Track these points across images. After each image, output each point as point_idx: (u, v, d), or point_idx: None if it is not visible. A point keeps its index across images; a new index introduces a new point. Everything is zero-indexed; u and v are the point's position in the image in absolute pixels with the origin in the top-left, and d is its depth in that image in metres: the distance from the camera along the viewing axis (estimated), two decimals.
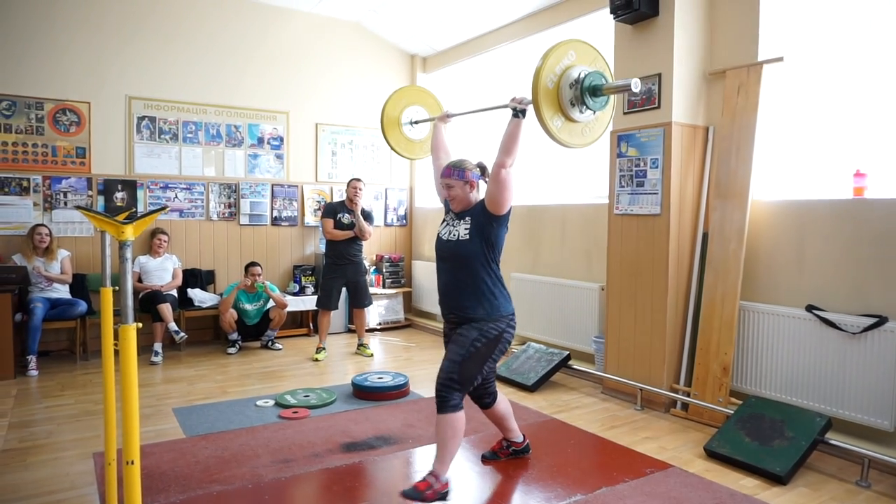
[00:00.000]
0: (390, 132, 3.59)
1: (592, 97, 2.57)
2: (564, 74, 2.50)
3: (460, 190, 2.83)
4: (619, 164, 4.29)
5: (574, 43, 2.59)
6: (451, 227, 2.84)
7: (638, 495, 2.79)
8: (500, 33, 6.07)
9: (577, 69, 2.55)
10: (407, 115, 3.59)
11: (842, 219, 3.41)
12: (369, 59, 7.07)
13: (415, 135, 3.63)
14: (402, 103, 3.61)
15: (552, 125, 2.56)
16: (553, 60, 2.49)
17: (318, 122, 6.77)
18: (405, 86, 3.72)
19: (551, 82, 2.43)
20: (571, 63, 2.51)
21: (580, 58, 2.56)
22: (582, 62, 2.55)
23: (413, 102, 3.64)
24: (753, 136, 3.75)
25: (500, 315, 2.76)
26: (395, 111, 3.60)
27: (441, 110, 3.59)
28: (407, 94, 3.66)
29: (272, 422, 3.74)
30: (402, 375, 4.47)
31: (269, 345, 5.83)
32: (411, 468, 3.12)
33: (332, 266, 5.53)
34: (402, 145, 3.65)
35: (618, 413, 3.98)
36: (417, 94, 3.74)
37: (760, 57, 3.81)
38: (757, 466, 3.03)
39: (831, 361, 3.36)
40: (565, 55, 2.47)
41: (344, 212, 5.54)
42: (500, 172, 2.68)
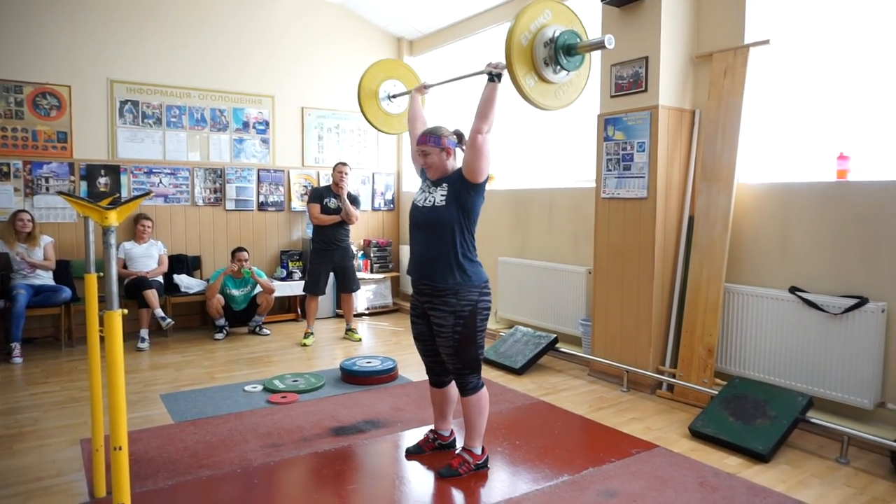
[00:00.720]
0: (367, 106, 3.47)
1: (567, 56, 2.53)
2: (539, 33, 2.44)
3: (437, 157, 2.76)
4: (606, 147, 4.29)
5: (551, 2, 2.54)
6: (427, 193, 2.79)
7: (624, 475, 2.83)
8: (486, 16, 6.02)
9: (553, 28, 2.51)
10: (384, 88, 3.50)
11: (825, 201, 3.45)
12: (355, 42, 6.99)
13: (393, 109, 3.53)
14: (380, 77, 3.51)
15: (525, 84, 2.51)
16: (528, 18, 2.43)
17: (303, 106, 6.71)
18: (383, 59, 3.61)
19: (525, 39, 2.38)
20: (547, 22, 2.45)
21: (556, 17, 2.50)
22: (558, 22, 2.49)
23: (391, 76, 3.54)
24: (739, 120, 3.77)
25: (472, 285, 2.70)
26: (372, 84, 3.49)
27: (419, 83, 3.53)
28: (384, 67, 3.54)
29: (261, 407, 3.75)
30: (391, 360, 4.49)
31: (256, 330, 5.81)
32: (400, 451, 3.14)
33: (319, 251, 5.52)
34: (379, 120, 3.55)
35: (605, 395, 4.03)
36: (395, 67, 3.62)
37: (747, 40, 3.81)
38: (740, 445, 3.08)
39: (813, 342, 3.41)
40: (541, 13, 2.42)
41: (330, 196, 5.53)
42: (477, 139, 2.63)
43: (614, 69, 4.22)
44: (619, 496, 2.63)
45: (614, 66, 4.22)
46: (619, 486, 2.72)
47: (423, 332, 2.90)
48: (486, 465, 2.89)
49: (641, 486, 2.72)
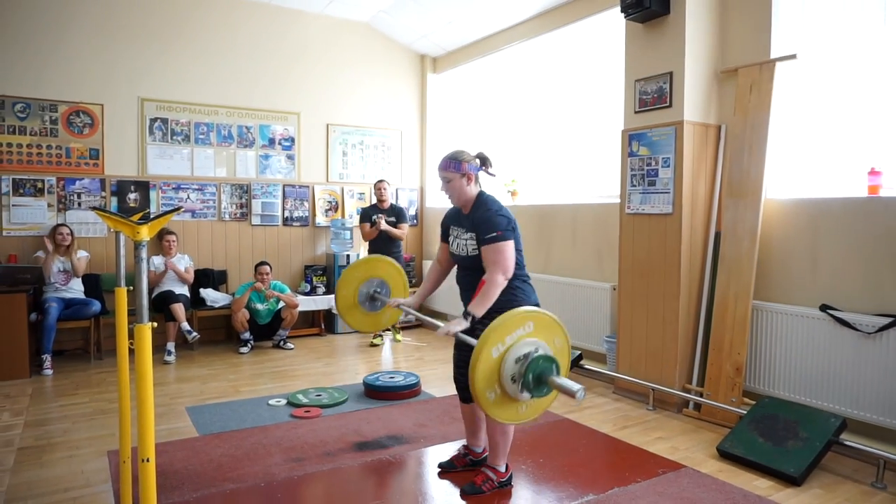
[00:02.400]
0: (350, 317, 3.22)
1: (536, 384, 2.15)
2: (515, 346, 2.12)
3: (458, 183, 2.75)
4: (630, 163, 4.27)
5: (535, 314, 2.21)
6: (460, 240, 2.81)
7: (650, 495, 2.77)
8: (510, 33, 6.06)
9: (531, 344, 2.16)
10: (363, 291, 3.21)
11: (856, 217, 3.38)
12: (380, 59, 7.08)
13: (375, 307, 3.25)
14: (353, 285, 3.20)
15: (486, 396, 2.16)
16: (505, 329, 2.12)
17: (329, 123, 6.80)
18: (353, 263, 3.29)
19: (497, 351, 2.07)
20: (526, 333, 2.14)
21: (537, 330, 2.17)
22: (538, 335, 2.16)
23: (366, 277, 3.24)
24: (766, 135, 3.72)
25: (522, 303, 2.70)
26: (348, 295, 3.20)
27: (398, 274, 3.30)
28: (356, 271, 3.23)
29: (284, 421, 3.76)
30: (414, 375, 4.48)
31: (280, 344, 5.85)
32: (423, 467, 3.13)
33: None
34: (366, 324, 3.29)
35: (629, 413, 3.97)
36: (368, 266, 3.28)
37: (773, 54, 3.78)
38: (770, 467, 3.00)
39: (846, 361, 3.33)
40: (522, 324, 2.11)
41: (377, 213, 5.91)
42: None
43: (638, 85, 4.21)
44: None
45: (638, 81, 4.21)
46: None
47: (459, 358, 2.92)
48: (509, 482, 2.86)
49: None
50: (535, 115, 5.94)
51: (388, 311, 3.26)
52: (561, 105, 5.61)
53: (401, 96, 7.28)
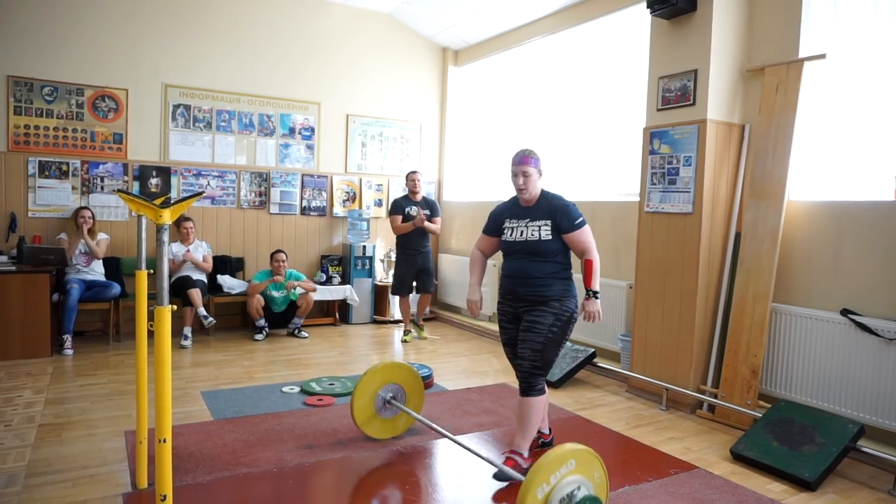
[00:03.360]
0: (369, 428, 3.21)
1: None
2: (558, 485, 2.10)
3: (535, 177, 2.98)
4: (651, 161, 4.23)
5: (576, 450, 2.18)
6: (529, 228, 2.97)
7: (662, 495, 2.76)
8: (533, 27, 6.02)
9: (574, 482, 2.14)
10: (380, 397, 3.22)
11: (882, 221, 3.32)
12: (401, 51, 7.08)
13: (390, 413, 3.27)
14: (370, 394, 3.20)
15: None
16: (550, 468, 2.10)
17: (348, 114, 6.81)
18: (368, 372, 3.22)
19: (542, 492, 2.06)
20: (569, 471, 2.12)
21: (580, 467, 2.16)
22: (581, 472, 2.15)
23: (382, 385, 3.24)
24: (791, 135, 3.67)
25: (573, 296, 2.98)
26: (365, 406, 3.19)
27: (414, 379, 3.35)
28: (372, 380, 3.21)
29: (297, 408, 3.80)
30: (427, 367, 4.49)
31: (295, 332, 5.90)
32: (433, 458, 3.14)
33: (404, 257, 5.85)
34: (385, 431, 3.26)
35: (642, 412, 3.95)
36: (385, 374, 3.26)
37: (801, 54, 3.72)
38: (785, 471, 2.97)
39: (866, 367, 3.28)
40: (564, 462, 2.10)
41: (410, 205, 5.80)
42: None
43: (661, 82, 4.16)
44: None
45: (661, 78, 4.16)
46: None
47: (513, 336, 3.04)
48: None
49: None
50: (556, 110, 5.90)
51: (404, 416, 3.30)
52: (582, 101, 5.57)
53: (421, 89, 7.28)
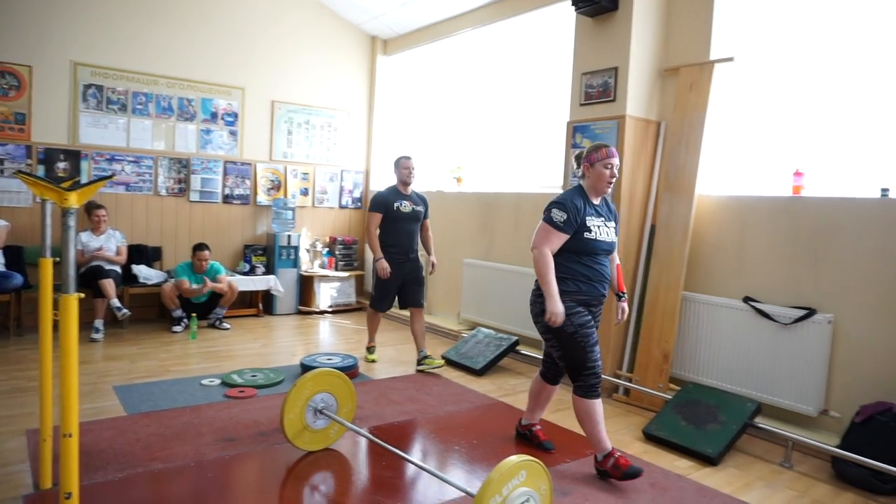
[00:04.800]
0: (300, 441, 2.99)
1: None
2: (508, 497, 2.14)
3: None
4: (573, 154, 4.36)
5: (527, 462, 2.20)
6: (606, 228, 2.90)
7: (578, 474, 2.88)
8: (463, 19, 6.06)
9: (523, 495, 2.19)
10: (310, 411, 3.01)
11: (780, 215, 3.58)
12: (329, 38, 6.96)
13: (322, 423, 3.07)
14: (300, 406, 2.98)
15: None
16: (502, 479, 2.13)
17: (274, 100, 6.64)
18: (298, 383, 2.98)
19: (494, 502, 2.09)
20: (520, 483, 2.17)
21: (529, 478, 2.20)
22: (530, 484, 2.20)
23: (313, 395, 3.03)
24: (702, 133, 3.88)
25: None
26: (296, 420, 2.98)
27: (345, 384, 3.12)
28: (302, 391, 2.99)
29: (217, 401, 3.69)
30: (352, 357, 4.47)
31: (216, 324, 5.72)
32: (357, 447, 3.14)
33: (389, 262, 4.48)
34: (316, 442, 3.06)
35: (562, 397, 4.08)
36: (315, 383, 3.06)
37: (712, 56, 3.93)
38: (691, 448, 3.17)
39: (764, 350, 3.53)
40: (516, 475, 2.14)
41: (400, 199, 4.51)
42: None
43: (584, 78, 4.30)
44: (573, 495, 2.68)
45: (584, 74, 4.30)
46: (573, 486, 2.77)
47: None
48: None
49: (594, 486, 2.77)
50: (483, 102, 5.98)
51: (336, 425, 3.12)
52: (509, 94, 5.67)
53: (349, 77, 7.18)
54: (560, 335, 2.82)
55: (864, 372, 3.23)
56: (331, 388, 3.10)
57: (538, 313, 2.87)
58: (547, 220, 2.82)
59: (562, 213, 2.78)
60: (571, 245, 2.82)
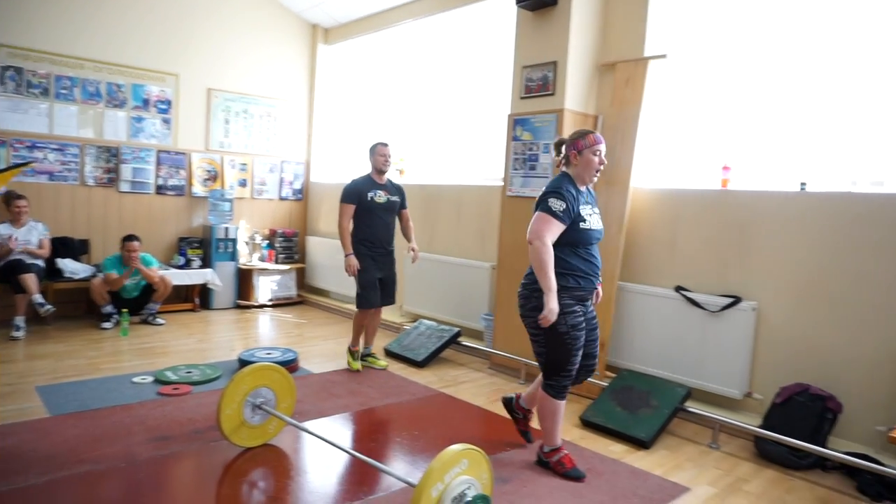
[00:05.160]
0: (237, 437, 2.90)
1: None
2: (450, 485, 2.13)
3: None
4: (513, 147, 4.41)
5: (469, 451, 2.20)
6: (597, 216, 2.82)
7: (517, 462, 2.93)
8: (405, 9, 6.01)
9: (464, 483, 2.16)
10: (248, 406, 2.92)
11: (709, 208, 3.72)
12: (269, 25, 6.78)
13: (260, 418, 2.98)
14: (237, 401, 2.89)
15: None
16: (444, 466, 2.11)
17: (210, 88, 6.42)
18: (235, 378, 2.88)
19: (436, 491, 2.08)
20: (462, 471, 2.16)
21: (471, 467, 2.20)
22: (472, 473, 2.19)
23: (251, 390, 2.93)
24: (637, 127, 3.99)
25: None
26: (233, 415, 2.88)
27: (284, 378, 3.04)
28: (240, 386, 2.89)
29: (150, 399, 3.56)
30: (292, 351, 4.40)
31: (149, 319, 5.51)
32: (297, 442, 3.09)
33: (368, 257, 4.26)
34: (254, 438, 2.97)
35: (503, 387, 4.14)
36: (253, 378, 2.96)
37: (646, 53, 4.04)
38: (625, 433, 3.28)
39: (694, 338, 3.68)
40: (457, 462, 2.14)
41: (374, 189, 4.25)
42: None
43: (525, 71, 4.34)
44: (512, 482, 2.73)
45: (525, 68, 4.34)
46: (512, 473, 2.82)
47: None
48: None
49: (533, 473, 2.83)
50: (426, 94, 5.96)
51: (275, 420, 3.03)
52: (451, 86, 5.67)
53: (289, 65, 7.02)
54: (551, 332, 2.70)
55: (784, 355, 3.42)
56: (270, 383, 3.04)
57: (532, 308, 2.73)
58: (545, 210, 2.65)
59: (560, 202, 2.64)
60: (568, 237, 2.68)
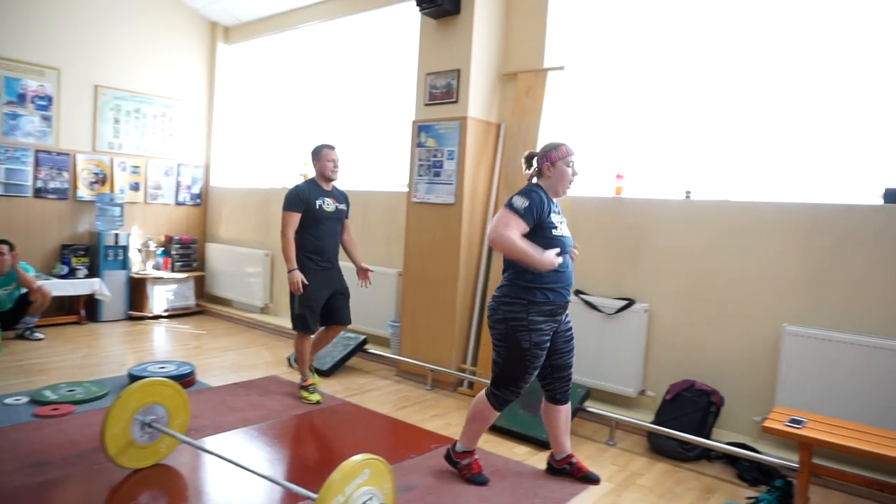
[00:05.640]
0: (125, 458, 2.72)
1: None
2: (352, 497, 2.10)
3: None
4: (418, 153, 4.43)
5: (371, 460, 2.17)
6: (564, 224, 2.82)
7: (422, 469, 2.92)
8: (309, 11, 5.89)
9: (366, 494, 2.15)
10: (136, 425, 2.75)
11: (605, 214, 3.89)
12: (164, 21, 6.43)
13: (151, 438, 2.81)
14: (125, 420, 2.72)
15: None
16: (345, 476, 2.08)
17: (98, 85, 6.01)
18: (122, 395, 2.72)
19: (337, 503, 2.05)
20: (364, 482, 2.14)
21: (373, 478, 2.17)
22: (374, 483, 2.17)
23: (140, 407, 2.77)
24: (537, 136, 4.10)
25: None
26: (119, 434, 2.70)
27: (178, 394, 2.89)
28: (128, 403, 2.73)
29: (24, 421, 3.26)
30: (188, 364, 4.18)
31: (26, 334, 5.05)
32: (193, 461, 2.93)
33: (315, 271, 3.84)
34: (144, 458, 2.79)
35: (409, 394, 4.13)
36: (143, 394, 2.79)
37: (546, 64, 4.17)
38: (528, 435, 3.35)
39: (592, 339, 3.82)
40: (360, 473, 2.11)
41: (321, 196, 3.91)
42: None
43: (429, 78, 4.37)
44: (417, 490, 2.72)
45: (429, 75, 4.37)
46: (417, 481, 2.80)
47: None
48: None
49: (437, 480, 2.83)
50: (331, 98, 5.87)
51: (167, 439, 2.85)
52: (356, 91, 5.61)
53: (187, 64, 6.70)
54: (513, 346, 2.68)
55: (673, 354, 3.63)
56: (161, 399, 2.87)
57: (497, 320, 2.73)
58: (507, 206, 2.67)
59: (524, 200, 2.65)
60: (538, 244, 2.64)
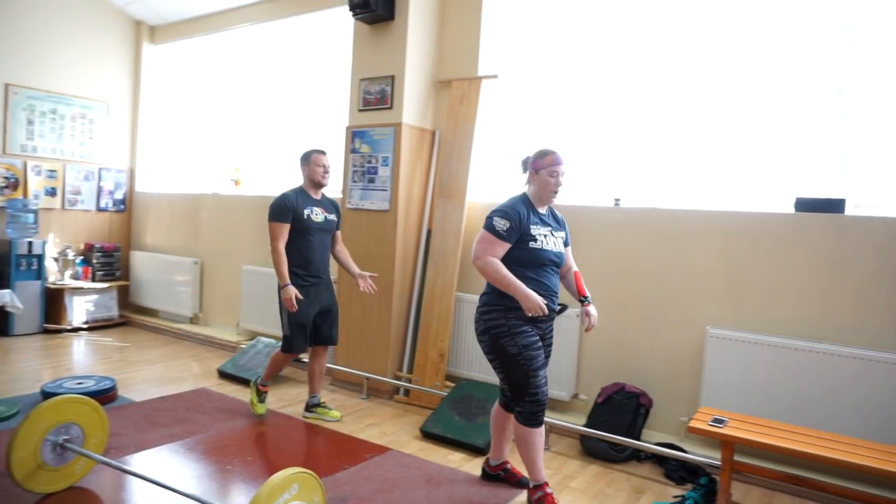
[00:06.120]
0: (34, 482, 2.55)
1: None
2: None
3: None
4: (353, 159, 4.37)
5: (300, 474, 2.12)
6: (553, 238, 2.75)
7: (356, 480, 2.87)
8: (239, 13, 5.74)
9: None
10: (47, 447, 2.59)
11: None
12: (84, 18, 6.12)
13: (64, 459, 2.66)
14: (34, 442, 2.55)
15: None
16: (273, 491, 2.02)
17: (8, 83, 5.65)
18: (32, 414, 2.56)
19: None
20: (291, 497, 2.08)
21: (301, 492, 2.12)
22: (301, 498, 2.12)
23: (52, 426, 2.61)
24: (472, 143, 4.13)
25: None
26: (27, 457, 2.53)
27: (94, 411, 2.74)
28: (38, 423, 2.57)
29: None
30: (109, 379, 3.97)
31: None
32: (112, 482, 2.77)
33: (301, 286, 3.54)
34: (58, 482, 2.64)
35: (345, 403, 4.06)
36: (55, 412, 2.63)
37: (480, 72, 4.21)
38: (463, 441, 3.35)
39: None
40: (287, 488, 2.06)
41: (309, 205, 3.62)
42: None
43: (362, 84, 4.33)
44: (350, 501, 2.67)
45: (363, 80, 4.33)
46: (351, 492, 2.75)
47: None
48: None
49: (372, 490, 2.79)
50: (263, 102, 5.73)
51: (82, 460, 2.70)
52: (288, 95, 5.50)
53: (109, 64, 6.39)
54: (503, 356, 2.67)
55: (604, 357, 3.71)
56: (76, 418, 2.70)
57: (481, 332, 2.74)
58: (488, 229, 2.66)
59: (504, 222, 2.63)
60: (516, 256, 2.64)
